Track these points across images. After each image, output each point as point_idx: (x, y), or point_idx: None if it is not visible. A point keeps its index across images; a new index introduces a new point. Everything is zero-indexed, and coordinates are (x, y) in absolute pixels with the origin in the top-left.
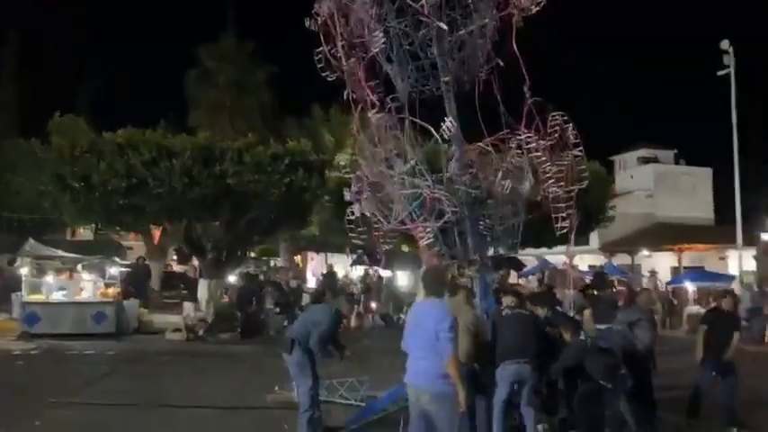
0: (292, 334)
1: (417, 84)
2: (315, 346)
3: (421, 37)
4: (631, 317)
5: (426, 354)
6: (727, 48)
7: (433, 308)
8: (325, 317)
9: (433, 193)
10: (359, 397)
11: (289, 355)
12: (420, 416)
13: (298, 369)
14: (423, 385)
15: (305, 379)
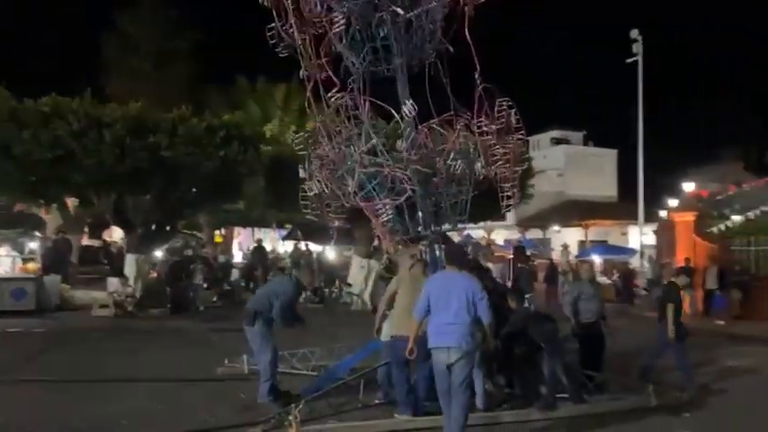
0: (255, 306)
1: (370, 65)
2: (277, 316)
3: (377, 19)
4: (583, 289)
5: (460, 318)
6: (636, 37)
7: (463, 279)
8: (287, 288)
9: (393, 171)
10: (310, 367)
11: (251, 327)
12: (444, 371)
13: (260, 340)
14: (456, 344)
15: (267, 349)
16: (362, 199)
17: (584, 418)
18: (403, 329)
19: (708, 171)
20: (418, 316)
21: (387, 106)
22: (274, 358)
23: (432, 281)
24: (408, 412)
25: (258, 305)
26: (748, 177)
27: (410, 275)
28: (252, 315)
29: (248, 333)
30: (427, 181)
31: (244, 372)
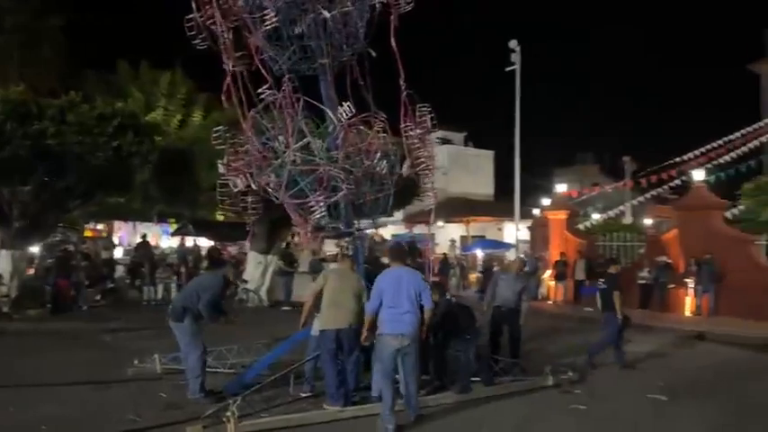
0: (183, 302)
1: (294, 64)
2: (204, 311)
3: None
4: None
5: (411, 308)
6: (514, 47)
7: (409, 273)
8: (213, 283)
9: (329, 170)
10: (228, 365)
11: (180, 323)
12: (394, 357)
13: (190, 336)
14: (408, 331)
15: (197, 345)
16: (293, 196)
17: (493, 398)
18: (331, 323)
19: (570, 172)
20: (372, 310)
21: (320, 105)
22: (204, 355)
23: (383, 277)
24: (339, 403)
25: (186, 301)
26: (603, 179)
27: (338, 270)
28: (180, 311)
29: (176, 329)
30: (356, 180)
31: (156, 371)
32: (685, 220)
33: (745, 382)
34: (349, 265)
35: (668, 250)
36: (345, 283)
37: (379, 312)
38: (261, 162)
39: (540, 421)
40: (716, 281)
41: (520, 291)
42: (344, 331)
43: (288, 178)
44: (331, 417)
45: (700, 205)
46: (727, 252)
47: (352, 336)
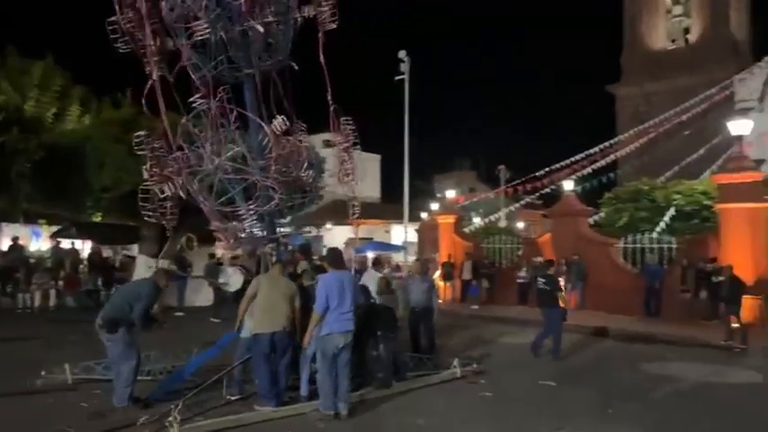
0: (115, 312)
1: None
2: (138, 320)
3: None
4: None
5: (353, 308)
6: (403, 57)
7: (348, 276)
8: (146, 290)
9: (262, 180)
10: (145, 371)
11: (113, 335)
12: (334, 352)
13: (124, 346)
14: (351, 328)
15: (132, 355)
16: (222, 204)
17: (411, 391)
18: (267, 326)
19: (448, 178)
20: (320, 311)
21: (251, 115)
22: (138, 364)
23: (326, 281)
24: (272, 403)
25: (118, 312)
26: (479, 185)
27: (269, 275)
28: (113, 323)
29: (108, 341)
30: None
31: (68, 381)
32: (557, 225)
33: (611, 367)
34: (279, 271)
35: (543, 252)
36: (278, 287)
37: (327, 314)
38: (190, 169)
39: (454, 408)
40: (583, 279)
41: (428, 291)
42: (279, 334)
43: (218, 186)
44: (266, 417)
45: (569, 212)
46: (592, 253)
47: (285, 338)
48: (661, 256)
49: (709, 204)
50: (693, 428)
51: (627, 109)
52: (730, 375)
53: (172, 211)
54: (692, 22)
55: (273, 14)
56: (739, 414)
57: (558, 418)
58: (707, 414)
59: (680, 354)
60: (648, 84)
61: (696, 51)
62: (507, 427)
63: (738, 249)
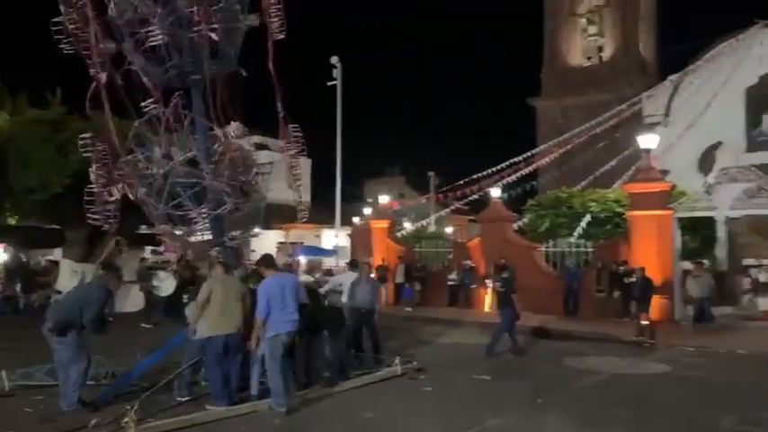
0: (65, 315)
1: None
2: (90, 324)
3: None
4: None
5: (296, 309)
6: (335, 63)
7: (287, 276)
8: (97, 294)
9: (217, 183)
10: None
11: (63, 338)
12: (285, 353)
13: (74, 349)
14: (296, 328)
15: (82, 358)
16: (174, 207)
17: (356, 388)
18: (221, 328)
19: (379, 183)
20: (263, 315)
21: (204, 121)
22: (88, 367)
23: (268, 284)
24: (224, 403)
25: (68, 315)
26: (409, 190)
27: (220, 278)
28: (63, 326)
29: (57, 344)
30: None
31: (5, 389)
32: (485, 230)
33: (538, 362)
34: (223, 271)
35: (471, 256)
36: (230, 289)
37: (269, 316)
38: (142, 172)
39: (398, 403)
40: None
41: (372, 292)
42: (233, 336)
43: (166, 190)
44: (221, 416)
45: (496, 218)
46: (517, 257)
47: (238, 340)
48: (578, 259)
49: (621, 212)
50: (612, 413)
51: (546, 121)
52: (642, 367)
53: (115, 214)
54: (605, 41)
55: (222, 22)
56: (650, 400)
57: (494, 409)
58: (623, 401)
59: (597, 349)
60: (566, 98)
61: (609, 69)
62: (448, 417)
63: (647, 253)
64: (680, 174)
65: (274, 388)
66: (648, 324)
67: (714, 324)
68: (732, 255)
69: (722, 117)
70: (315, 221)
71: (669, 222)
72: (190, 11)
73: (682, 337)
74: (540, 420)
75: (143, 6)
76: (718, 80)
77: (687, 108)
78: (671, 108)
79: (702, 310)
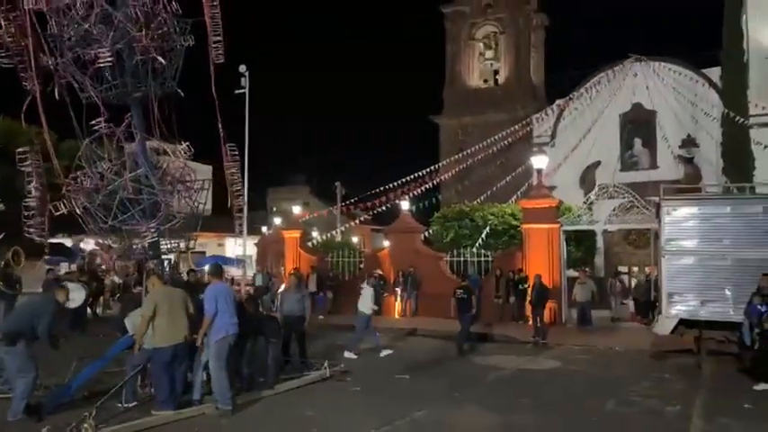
0: (16, 326)
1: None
2: (43, 336)
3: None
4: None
5: (236, 314)
6: (243, 71)
7: (227, 287)
8: (47, 307)
9: (164, 199)
10: None
11: (13, 348)
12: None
13: (23, 360)
14: (237, 332)
15: (31, 368)
16: (122, 222)
17: (291, 390)
18: (169, 339)
19: (282, 192)
20: (212, 313)
21: (156, 140)
22: (36, 377)
23: (214, 290)
24: (171, 407)
25: (19, 326)
26: (313, 199)
27: (162, 290)
28: (13, 336)
29: (7, 353)
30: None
31: None
32: (395, 241)
33: (449, 361)
34: (162, 282)
35: (382, 265)
36: (175, 300)
37: (215, 320)
38: (88, 189)
39: (332, 401)
40: (417, 288)
41: (300, 301)
42: (180, 345)
43: (116, 205)
44: (172, 418)
45: (405, 229)
46: (425, 266)
47: (185, 348)
48: (480, 267)
49: (516, 224)
50: (518, 402)
51: (448, 137)
52: (538, 363)
53: (41, 226)
54: (500, 65)
55: (165, 44)
56: (547, 390)
57: (417, 403)
58: (525, 392)
59: (498, 348)
60: (465, 116)
61: (503, 91)
62: (379, 411)
63: (539, 262)
64: (564, 189)
65: (220, 389)
66: (542, 326)
67: (593, 326)
68: (607, 262)
69: (600, 139)
70: (217, 230)
71: (557, 234)
72: (137, 34)
73: (568, 337)
74: (460, 410)
75: (93, 28)
76: (597, 106)
77: (571, 130)
78: (557, 130)
79: (585, 312)
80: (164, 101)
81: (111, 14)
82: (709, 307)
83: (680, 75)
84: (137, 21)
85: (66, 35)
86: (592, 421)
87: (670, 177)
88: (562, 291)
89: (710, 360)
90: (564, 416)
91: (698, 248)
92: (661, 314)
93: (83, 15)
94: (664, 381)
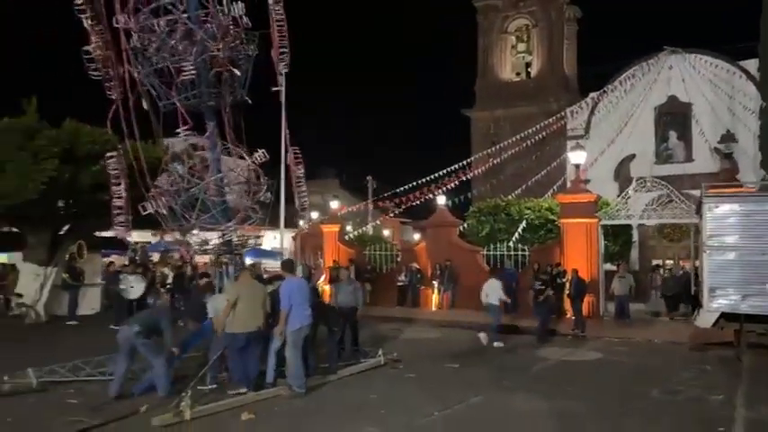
0: (148, 325)
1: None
2: (168, 342)
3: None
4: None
5: (308, 305)
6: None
7: (303, 281)
8: (167, 316)
9: (243, 201)
10: (108, 371)
11: (146, 340)
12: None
13: (155, 348)
14: (311, 323)
15: (161, 352)
16: (205, 221)
17: (352, 376)
18: (244, 327)
19: (313, 185)
20: (286, 309)
21: (237, 150)
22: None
23: (289, 285)
24: (244, 387)
25: (149, 325)
26: (344, 193)
27: (245, 282)
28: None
29: (142, 345)
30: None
31: (33, 385)
32: (431, 234)
33: (493, 352)
34: (249, 276)
35: (418, 258)
36: (255, 293)
37: (291, 311)
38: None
39: (392, 387)
40: (454, 282)
41: (353, 292)
42: (254, 333)
43: (200, 205)
44: (254, 399)
45: (442, 223)
46: (461, 259)
47: (259, 336)
48: (516, 261)
49: (553, 219)
50: (565, 390)
51: (480, 131)
52: (580, 355)
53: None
54: (532, 58)
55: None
56: (592, 379)
57: (471, 389)
58: (572, 381)
59: (540, 340)
60: (497, 110)
61: (536, 84)
62: (437, 396)
63: (577, 256)
64: (598, 183)
65: (295, 373)
66: (580, 318)
67: (630, 319)
68: (642, 256)
69: (635, 132)
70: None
71: (595, 229)
72: (216, 48)
73: (607, 330)
74: (513, 397)
75: (179, 44)
76: (631, 99)
77: (605, 123)
78: (591, 123)
79: (623, 306)
80: (234, 109)
81: (192, 30)
82: (749, 301)
83: (716, 67)
84: (215, 36)
85: (150, 50)
86: (640, 407)
87: (706, 170)
88: (600, 284)
89: (750, 352)
90: (613, 402)
91: (739, 244)
92: (702, 308)
93: (167, 32)
94: (705, 372)
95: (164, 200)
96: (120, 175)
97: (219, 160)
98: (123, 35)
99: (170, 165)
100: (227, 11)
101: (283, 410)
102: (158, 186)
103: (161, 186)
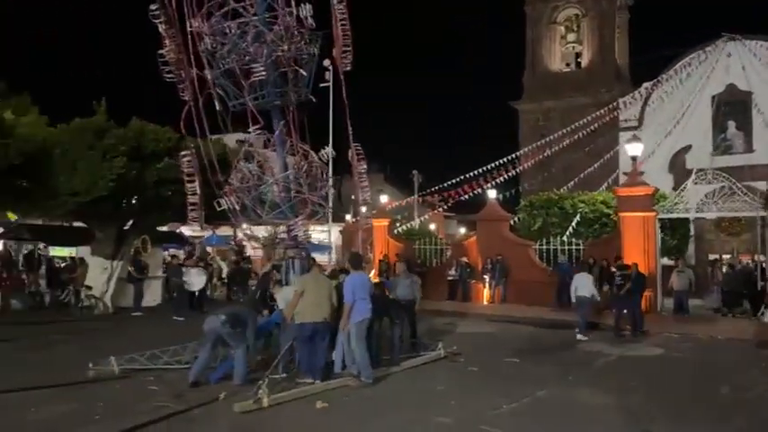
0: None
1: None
2: (250, 339)
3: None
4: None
5: (370, 299)
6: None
7: (364, 275)
8: (252, 316)
9: (310, 197)
10: (184, 360)
11: (232, 330)
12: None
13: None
14: (372, 316)
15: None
16: (275, 216)
17: (414, 368)
18: (312, 317)
19: None
20: (350, 301)
21: (304, 147)
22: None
23: (352, 279)
24: (311, 377)
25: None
26: (388, 187)
27: (313, 275)
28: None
29: (227, 335)
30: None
31: (115, 373)
32: (482, 229)
33: (552, 347)
34: (319, 271)
35: (468, 252)
36: (321, 285)
37: (354, 304)
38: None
39: (455, 379)
40: (505, 276)
41: (411, 285)
42: (321, 324)
43: (269, 201)
44: (325, 388)
45: (493, 217)
46: (513, 254)
47: (325, 327)
48: (570, 255)
49: (608, 212)
50: (630, 385)
51: (528, 123)
52: (640, 350)
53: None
54: (582, 48)
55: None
56: (657, 374)
57: (535, 384)
58: (635, 376)
59: (597, 336)
60: (546, 101)
61: (586, 75)
62: (502, 390)
63: (634, 250)
64: (652, 175)
65: (362, 363)
66: (640, 314)
67: (689, 314)
68: (698, 250)
69: (691, 123)
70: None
71: (653, 222)
72: (283, 49)
73: (666, 325)
74: (577, 391)
75: (250, 47)
76: (687, 88)
77: (659, 114)
78: (644, 114)
79: (681, 301)
80: (299, 108)
81: (262, 32)
82: None
83: None
84: (282, 37)
85: (222, 52)
86: (709, 404)
87: (767, 161)
88: (657, 279)
89: None
90: (681, 399)
91: None
92: None
93: (238, 35)
94: None
95: (235, 197)
96: (194, 172)
97: (283, 158)
98: (195, 39)
99: (241, 163)
100: (295, 12)
101: (354, 400)
102: (231, 183)
103: (233, 184)
